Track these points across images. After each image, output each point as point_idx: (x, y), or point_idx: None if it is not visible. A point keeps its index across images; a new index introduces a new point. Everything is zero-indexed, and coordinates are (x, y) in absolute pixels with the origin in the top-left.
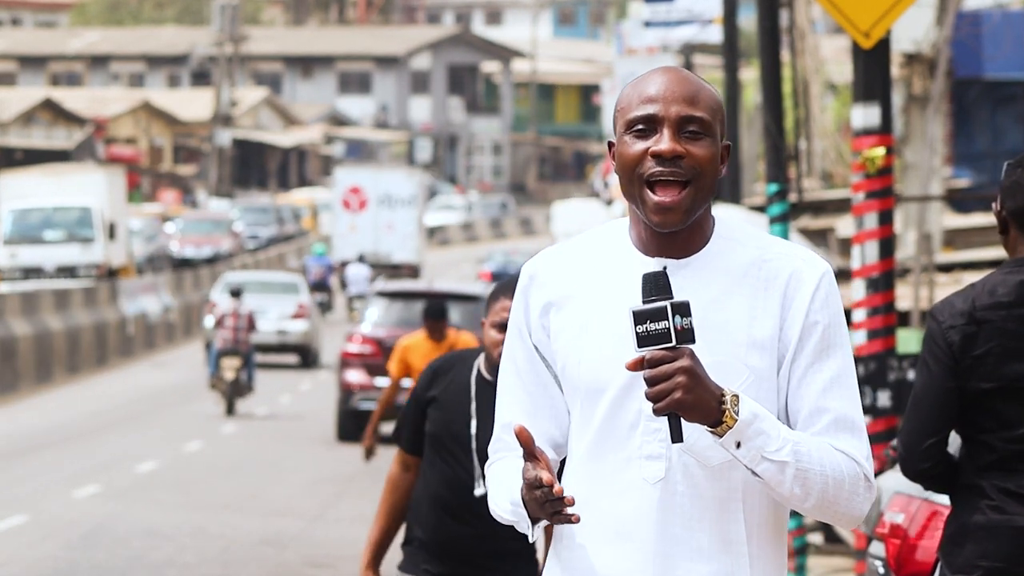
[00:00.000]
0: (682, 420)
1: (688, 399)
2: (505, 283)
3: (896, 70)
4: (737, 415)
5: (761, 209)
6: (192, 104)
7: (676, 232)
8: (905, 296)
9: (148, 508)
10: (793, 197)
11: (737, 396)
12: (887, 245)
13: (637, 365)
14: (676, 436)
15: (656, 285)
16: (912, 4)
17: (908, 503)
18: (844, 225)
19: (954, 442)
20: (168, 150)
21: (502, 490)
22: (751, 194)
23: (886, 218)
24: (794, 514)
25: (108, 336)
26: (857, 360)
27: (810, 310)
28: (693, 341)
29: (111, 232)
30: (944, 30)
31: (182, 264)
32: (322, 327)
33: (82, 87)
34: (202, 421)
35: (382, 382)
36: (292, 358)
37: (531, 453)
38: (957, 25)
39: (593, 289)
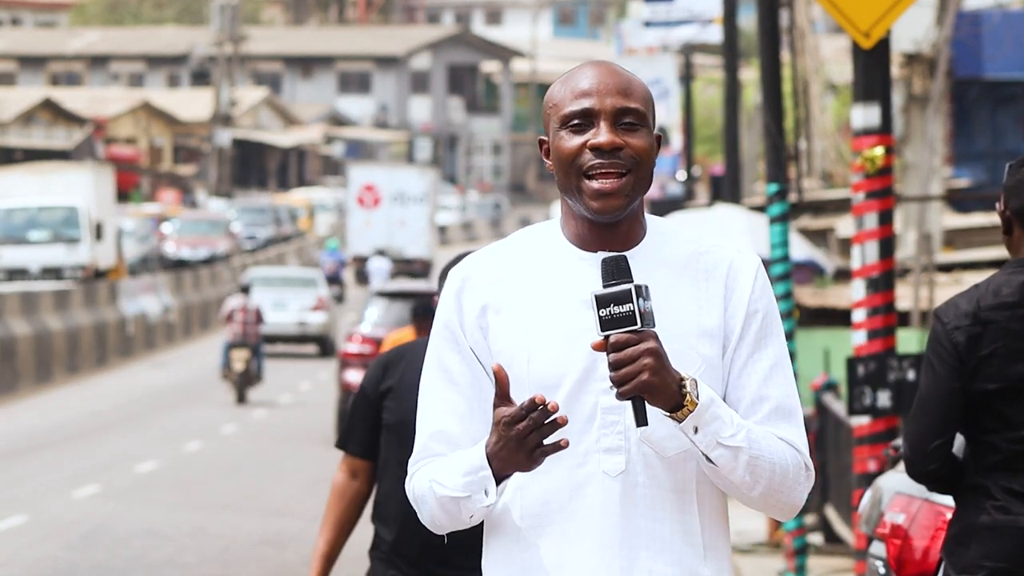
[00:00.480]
0: (646, 404)
1: (655, 381)
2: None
3: (896, 70)
4: (697, 399)
5: (761, 209)
6: (192, 104)
7: (615, 226)
8: (905, 296)
9: (148, 508)
10: (793, 197)
11: (695, 380)
12: (887, 245)
13: (602, 347)
14: (641, 419)
15: (617, 268)
16: (912, 4)
17: (909, 503)
18: (844, 225)
19: (958, 442)
20: (168, 150)
21: (447, 472)
22: (751, 194)
23: (886, 218)
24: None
25: (108, 336)
26: (857, 360)
27: (751, 299)
28: (654, 324)
29: (98, 232)
30: (944, 30)
31: (178, 265)
32: (339, 318)
33: (82, 87)
34: (202, 421)
35: None
36: (312, 348)
37: (505, 395)
38: (957, 25)
39: (534, 288)
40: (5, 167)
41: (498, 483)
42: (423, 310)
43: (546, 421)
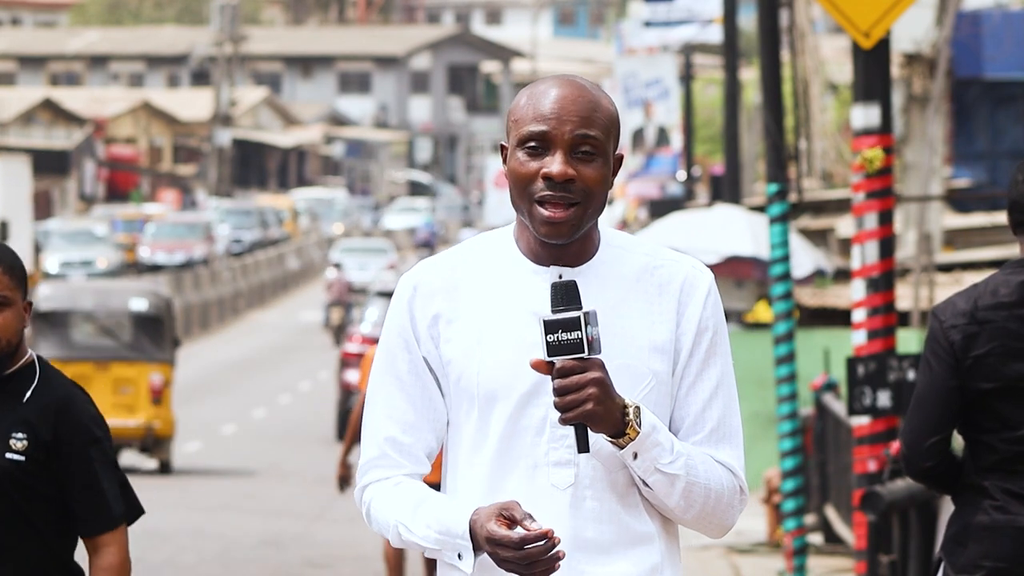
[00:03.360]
0: (588, 430)
1: (599, 411)
2: None
3: (896, 70)
4: (639, 427)
5: (761, 209)
6: (192, 104)
7: (566, 244)
8: (905, 296)
9: (148, 508)
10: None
11: (639, 408)
12: (887, 245)
13: (542, 367)
14: (583, 446)
15: (567, 294)
16: (912, 4)
17: None
18: (844, 225)
19: (958, 442)
20: (168, 150)
21: (417, 518)
22: (751, 194)
23: (886, 218)
24: (795, 515)
25: None
26: (857, 360)
27: (702, 316)
28: (600, 351)
29: (3, 233)
30: (944, 30)
31: (152, 270)
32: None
33: (82, 87)
34: (202, 421)
35: None
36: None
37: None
38: (957, 25)
39: (486, 299)
40: None
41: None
42: None
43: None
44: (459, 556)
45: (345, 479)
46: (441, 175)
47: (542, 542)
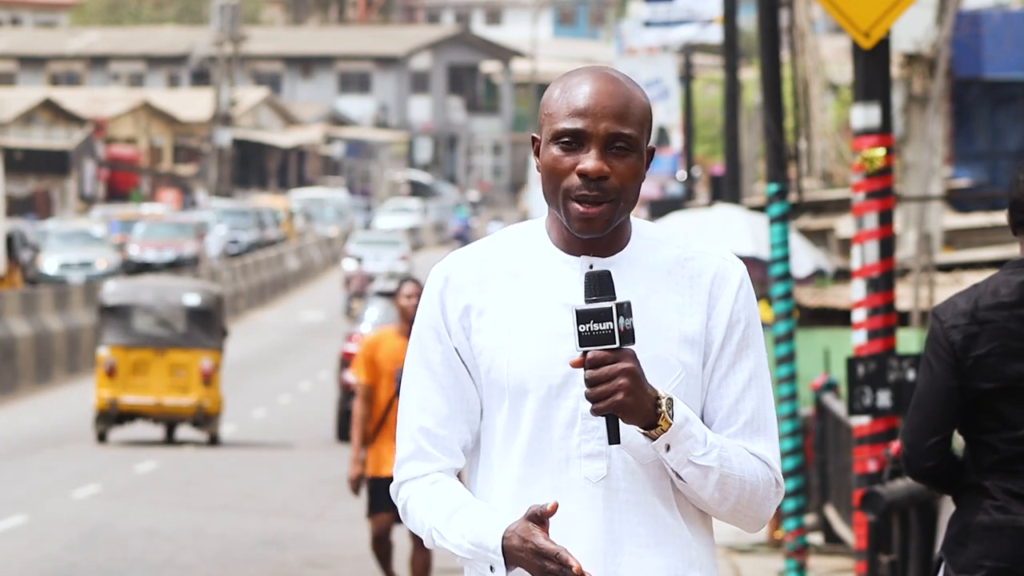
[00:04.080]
0: (619, 421)
1: (629, 401)
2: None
3: (896, 70)
4: (671, 419)
5: (761, 209)
6: (192, 104)
7: (598, 236)
8: (905, 296)
9: (148, 508)
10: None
11: (671, 399)
12: (887, 245)
13: (580, 363)
14: (613, 438)
15: (600, 284)
16: (912, 4)
17: None
18: (844, 225)
19: (958, 440)
20: (168, 150)
21: (455, 522)
22: (751, 194)
23: (886, 218)
24: (795, 516)
25: None
26: (857, 360)
27: (734, 308)
28: (633, 342)
29: None
30: (944, 30)
31: (142, 269)
32: (417, 264)
33: (82, 87)
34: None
35: None
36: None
37: (542, 521)
38: (957, 25)
39: (518, 289)
40: (13, 170)
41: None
42: None
43: None
44: (491, 568)
45: (358, 480)
46: (441, 175)
47: (563, 568)
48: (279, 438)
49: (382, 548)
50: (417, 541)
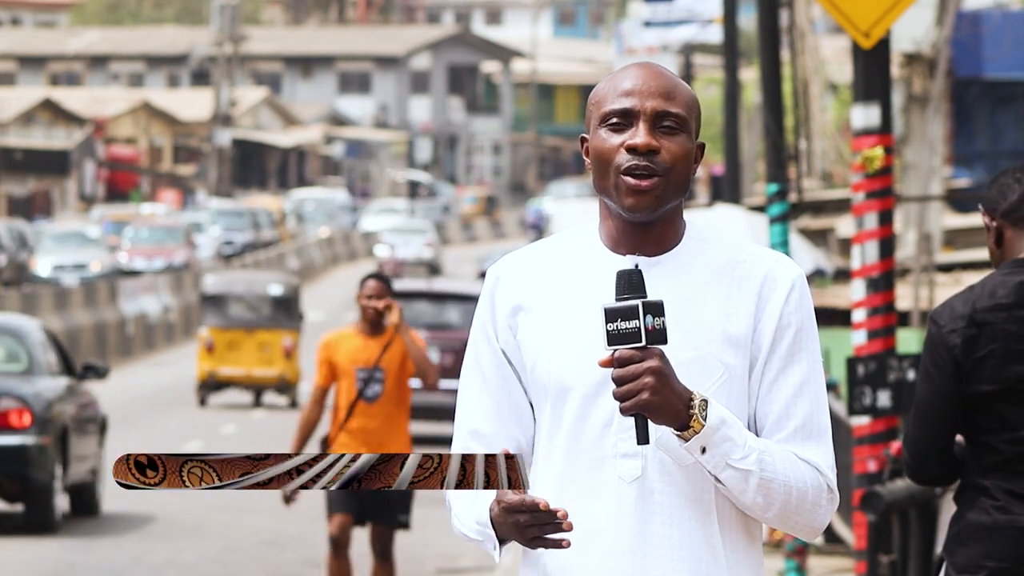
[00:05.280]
0: (649, 422)
1: (654, 400)
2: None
3: (896, 70)
4: (705, 420)
5: (761, 209)
6: (192, 104)
7: (648, 228)
8: (905, 296)
9: (148, 508)
10: (793, 197)
11: (706, 400)
12: (887, 245)
13: (608, 363)
14: (642, 438)
15: (629, 283)
16: (912, 4)
17: None
18: (844, 225)
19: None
20: (168, 150)
21: (466, 508)
22: (751, 194)
23: (886, 218)
24: None
25: (108, 336)
26: (857, 360)
27: (784, 312)
28: (665, 342)
29: None
30: (944, 30)
31: (131, 277)
32: (441, 252)
33: (81, 87)
34: (202, 421)
35: None
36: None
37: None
38: (957, 25)
39: (563, 289)
40: (12, 170)
41: (502, 544)
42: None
43: (551, 525)
44: (493, 546)
45: (289, 494)
46: (441, 175)
47: (546, 511)
48: (280, 437)
49: (340, 565)
50: (379, 555)
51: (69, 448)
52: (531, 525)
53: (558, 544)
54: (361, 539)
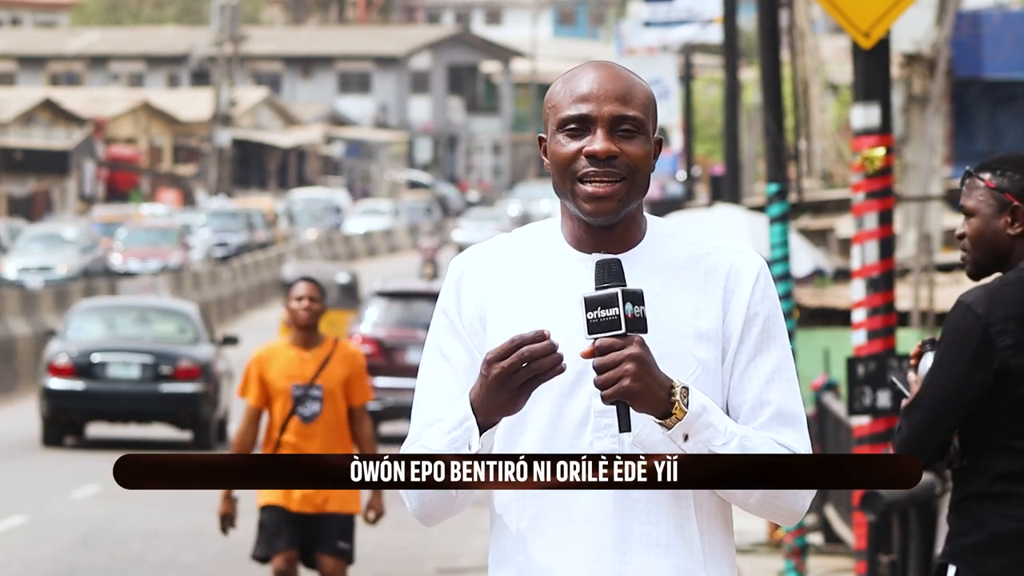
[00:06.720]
0: (631, 410)
1: (636, 387)
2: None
3: (896, 70)
4: (686, 407)
5: (761, 209)
6: (192, 104)
7: (611, 228)
8: (905, 296)
9: (148, 508)
10: (793, 197)
11: (687, 388)
12: (887, 245)
13: (589, 353)
14: (624, 425)
15: (609, 272)
16: (912, 4)
17: None
18: (844, 225)
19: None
20: (168, 150)
21: (432, 438)
22: (751, 194)
23: (886, 218)
24: None
25: None
26: (857, 360)
27: (751, 302)
28: (645, 330)
29: None
30: (944, 30)
31: (124, 278)
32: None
33: (81, 87)
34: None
35: (382, 382)
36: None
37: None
38: (957, 25)
39: (528, 285)
40: (12, 170)
41: (482, 432)
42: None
43: (542, 357)
44: (468, 446)
45: (228, 518)
46: (441, 175)
47: (540, 341)
48: None
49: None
50: None
51: (220, 394)
52: (523, 366)
53: (557, 366)
54: None
